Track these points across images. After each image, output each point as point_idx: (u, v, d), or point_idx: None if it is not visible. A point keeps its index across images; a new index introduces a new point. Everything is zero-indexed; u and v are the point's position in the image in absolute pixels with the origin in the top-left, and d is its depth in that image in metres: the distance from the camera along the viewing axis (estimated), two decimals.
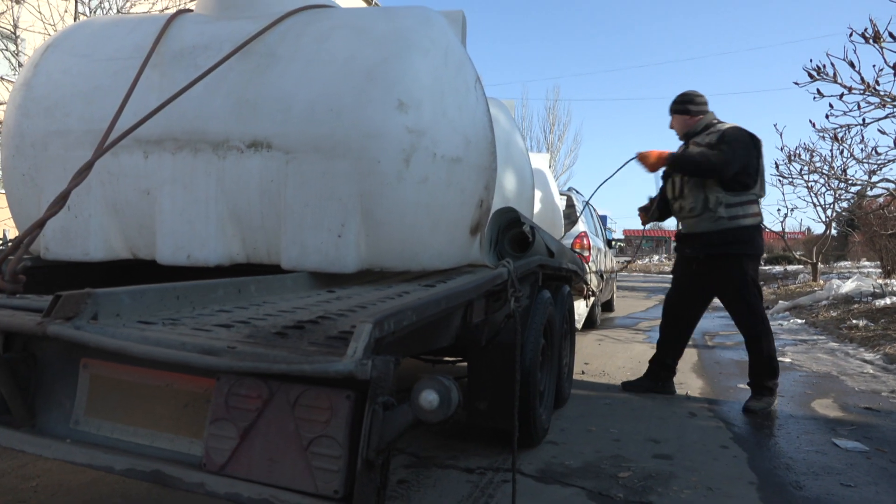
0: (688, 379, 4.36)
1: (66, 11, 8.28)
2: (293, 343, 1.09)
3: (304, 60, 1.93)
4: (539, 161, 4.86)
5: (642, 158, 3.59)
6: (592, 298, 5.87)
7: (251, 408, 1.02)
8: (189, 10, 2.30)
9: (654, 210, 3.90)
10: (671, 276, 4.02)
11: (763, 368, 3.49)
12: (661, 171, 3.70)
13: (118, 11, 8.19)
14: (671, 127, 3.79)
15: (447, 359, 3.27)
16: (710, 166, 3.37)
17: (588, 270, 5.07)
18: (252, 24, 2.04)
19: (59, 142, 2.02)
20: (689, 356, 5.35)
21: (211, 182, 1.93)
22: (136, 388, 1.18)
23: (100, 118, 1.95)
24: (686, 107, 3.69)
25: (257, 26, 2.01)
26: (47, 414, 1.22)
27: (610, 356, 5.20)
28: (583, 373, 4.44)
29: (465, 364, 2.52)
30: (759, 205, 3.56)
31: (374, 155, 1.83)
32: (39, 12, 8.08)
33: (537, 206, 4.18)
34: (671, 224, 3.88)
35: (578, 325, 5.64)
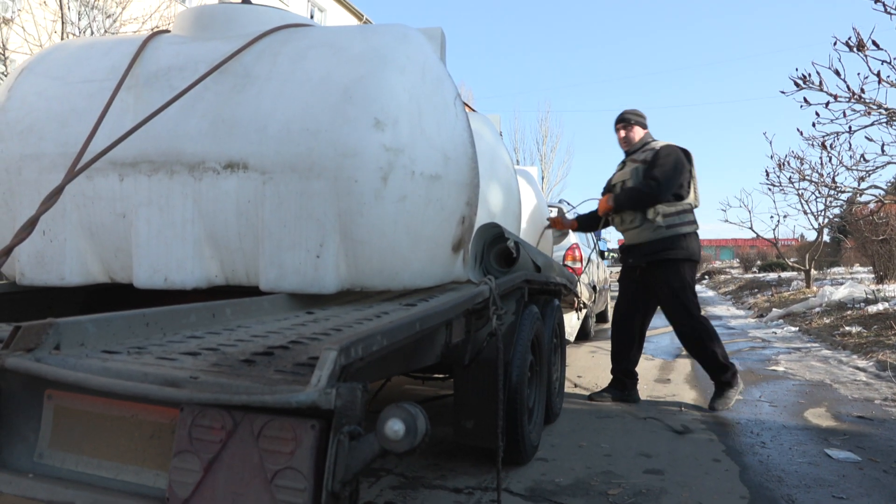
0: (681, 390, 4.33)
1: (54, 32, 8.29)
2: (259, 371, 1.06)
3: (280, 80, 1.91)
4: (527, 174, 4.86)
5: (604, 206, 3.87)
6: (584, 310, 5.85)
7: (215, 439, 0.99)
8: (167, 31, 2.29)
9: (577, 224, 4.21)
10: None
11: (714, 366, 3.68)
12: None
13: (105, 33, 8.21)
14: (624, 137, 3.93)
15: (436, 375, 3.24)
16: (651, 198, 3.63)
17: (579, 282, 5.05)
18: (228, 44, 2.03)
19: (34, 165, 2.00)
20: (682, 367, 5.33)
21: (187, 204, 1.91)
22: (102, 419, 1.15)
23: (74, 141, 1.93)
24: (641, 120, 3.92)
25: (233, 46, 2.00)
26: (10, 447, 1.18)
27: (603, 368, 5.17)
28: (575, 386, 4.41)
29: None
30: (693, 213, 3.77)
31: (352, 174, 1.81)
32: (25, 31, 8.08)
33: (525, 220, 4.17)
34: None
35: (571, 338, 5.61)
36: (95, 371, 1.05)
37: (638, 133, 3.88)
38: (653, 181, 3.59)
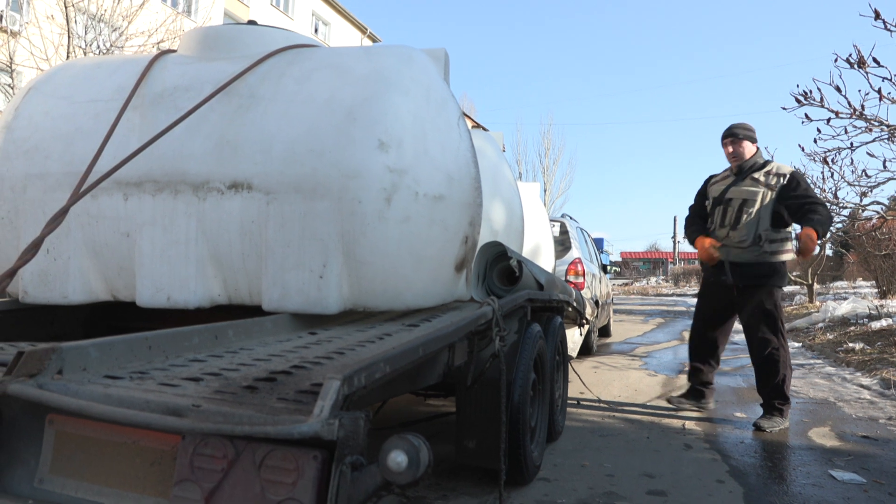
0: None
1: (60, 45, 8.36)
2: (261, 399, 1.06)
3: (285, 101, 1.93)
4: (530, 190, 4.87)
5: (809, 244, 3.44)
6: (587, 326, 5.83)
7: (216, 468, 0.99)
8: (173, 51, 2.31)
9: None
10: (696, 298, 4.23)
11: (777, 392, 3.68)
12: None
13: (111, 46, 8.28)
14: (733, 151, 3.81)
15: (438, 394, 3.22)
16: (830, 223, 3.60)
17: (582, 298, 5.04)
18: (234, 64, 2.05)
19: (39, 184, 2.01)
20: (686, 384, 5.29)
21: (191, 224, 1.92)
22: (103, 444, 1.14)
23: (80, 160, 1.94)
24: (754, 136, 3.83)
25: (239, 67, 2.02)
26: (11, 472, 1.18)
27: (606, 385, 5.15)
28: (578, 403, 4.38)
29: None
30: (792, 241, 3.72)
31: (355, 195, 1.82)
32: (32, 45, 8.15)
33: (528, 237, 4.17)
34: (667, 246, 4.07)
35: (573, 353, 5.59)
36: (97, 398, 1.04)
37: (748, 148, 3.80)
38: (822, 207, 3.52)
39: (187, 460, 1.00)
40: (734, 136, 3.82)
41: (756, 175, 3.72)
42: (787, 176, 3.65)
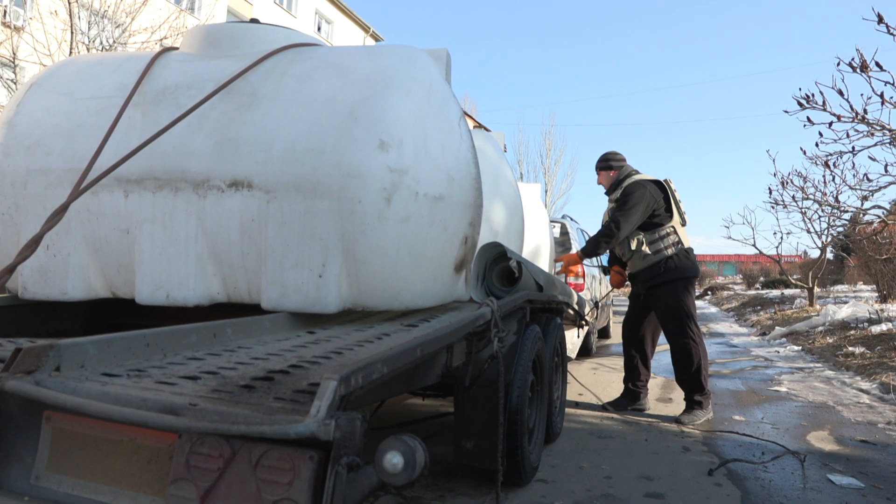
0: (682, 410, 4.30)
1: (63, 41, 8.36)
2: (258, 398, 1.06)
3: (287, 100, 1.93)
4: (530, 191, 4.86)
5: (564, 269, 4.29)
6: (586, 328, 5.83)
7: (212, 468, 0.99)
8: (175, 48, 2.31)
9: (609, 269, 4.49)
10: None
11: (693, 384, 3.91)
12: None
13: (114, 43, 8.28)
14: (599, 183, 4.31)
15: (436, 394, 3.22)
16: (609, 239, 3.92)
17: (581, 299, 5.04)
18: (236, 63, 2.05)
19: (40, 181, 2.01)
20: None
21: (191, 221, 1.92)
22: (99, 442, 1.14)
23: (81, 157, 1.94)
24: (608, 164, 4.23)
25: (241, 65, 2.02)
26: (7, 469, 1.18)
27: (605, 386, 5.14)
28: (576, 404, 4.38)
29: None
30: (676, 234, 3.99)
31: (355, 194, 1.82)
32: (35, 40, 8.15)
33: (528, 238, 4.17)
34: None
35: (572, 355, 5.58)
36: (94, 396, 1.04)
37: (604, 177, 4.23)
38: (612, 223, 3.91)
39: (183, 459, 1.00)
40: (597, 168, 4.29)
41: (611, 195, 4.17)
42: (622, 190, 4.02)
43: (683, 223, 4.11)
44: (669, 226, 4.00)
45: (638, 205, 3.90)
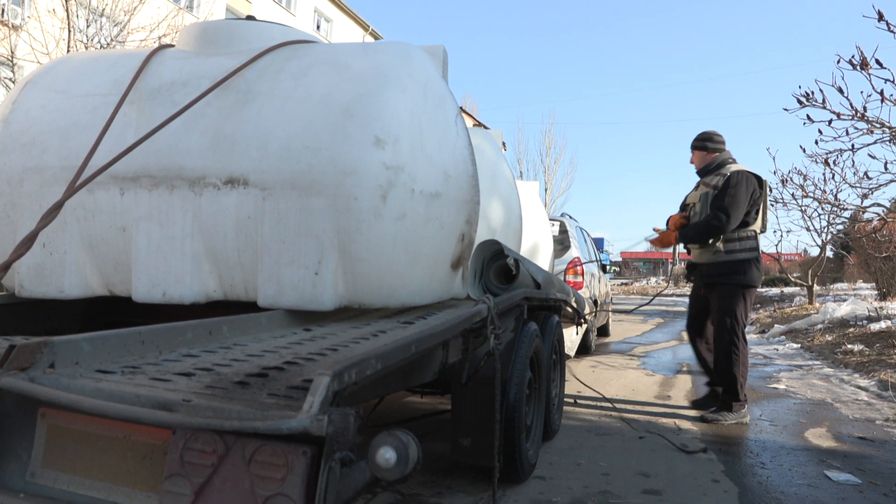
0: (680, 407, 4.30)
1: (61, 39, 8.35)
2: (252, 394, 1.06)
3: (282, 97, 1.92)
4: (529, 189, 4.86)
5: (655, 242, 4.12)
6: (585, 325, 5.83)
7: (206, 463, 0.99)
8: (171, 46, 2.31)
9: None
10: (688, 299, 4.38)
11: (729, 389, 3.85)
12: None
13: (112, 41, 8.27)
14: (691, 161, 4.11)
15: (433, 391, 3.22)
16: (718, 231, 3.72)
17: (579, 297, 5.04)
18: (232, 60, 2.05)
19: (36, 178, 2.01)
20: (683, 383, 5.30)
21: (187, 219, 1.92)
22: (94, 438, 1.14)
23: (76, 154, 1.94)
24: (705, 144, 4.03)
25: (236, 62, 2.02)
26: (3, 466, 1.18)
27: (603, 384, 5.15)
28: (575, 402, 4.38)
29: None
30: (756, 240, 3.85)
31: (351, 191, 1.82)
32: (33, 39, 8.13)
33: (526, 236, 4.16)
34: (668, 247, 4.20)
35: (571, 353, 5.58)
36: (88, 392, 1.05)
37: (698, 157, 4.04)
38: (721, 213, 3.69)
39: (177, 455, 1.00)
40: (691, 148, 4.12)
41: (707, 179, 3.96)
42: (725, 178, 3.81)
43: (763, 229, 3.93)
44: (752, 229, 3.82)
45: (744, 198, 3.71)
